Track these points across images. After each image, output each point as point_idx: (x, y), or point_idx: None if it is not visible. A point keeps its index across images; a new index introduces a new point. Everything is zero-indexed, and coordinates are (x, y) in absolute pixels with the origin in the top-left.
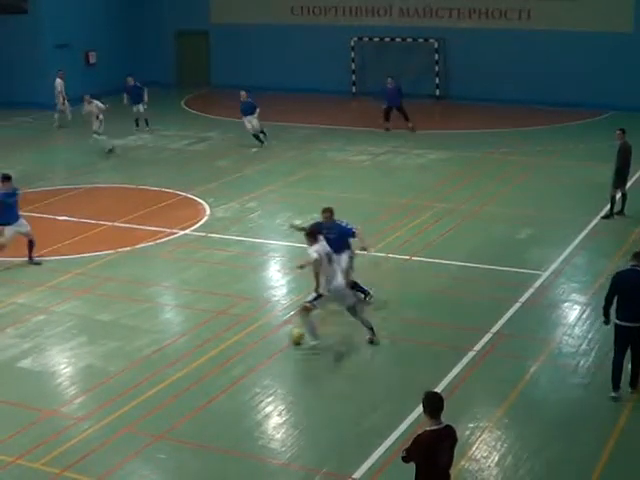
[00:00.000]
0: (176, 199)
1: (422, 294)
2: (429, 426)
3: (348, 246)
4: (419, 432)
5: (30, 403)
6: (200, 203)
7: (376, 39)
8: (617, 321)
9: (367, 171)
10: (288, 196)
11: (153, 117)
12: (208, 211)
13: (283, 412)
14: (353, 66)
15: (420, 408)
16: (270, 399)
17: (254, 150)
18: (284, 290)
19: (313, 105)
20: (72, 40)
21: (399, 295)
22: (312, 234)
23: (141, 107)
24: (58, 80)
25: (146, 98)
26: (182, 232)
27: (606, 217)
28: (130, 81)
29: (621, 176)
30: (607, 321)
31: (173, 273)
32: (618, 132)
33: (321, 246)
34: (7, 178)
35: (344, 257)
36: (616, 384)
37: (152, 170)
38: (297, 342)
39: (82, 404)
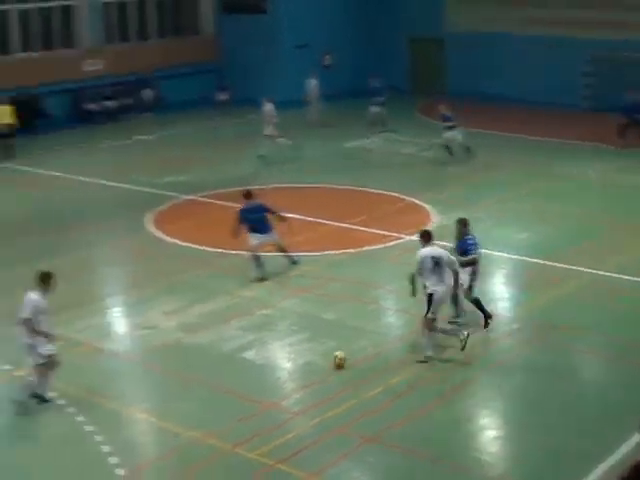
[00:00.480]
0: (403, 204)
1: None
2: None
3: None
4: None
5: (251, 394)
6: (427, 209)
7: (614, 53)
8: None
9: (597, 188)
10: (515, 208)
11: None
12: (435, 218)
13: (499, 426)
14: (587, 80)
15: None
16: (486, 411)
17: (478, 159)
18: (506, 303)
19: (543, 117)
20: (310, 41)
21: (625, 316)
22: (423, 237)
23: (376, 109)
24: (313, 80)
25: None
26: (408, 237)
27: None
28: (372, 82)
29: None
30: None
31: (397, 277)
32: None
33: (429, 250)
34: (249, 194)
35: (463, 272)
36: None
37: (382, 174)
38: (340, 366)
39: (299, 400)
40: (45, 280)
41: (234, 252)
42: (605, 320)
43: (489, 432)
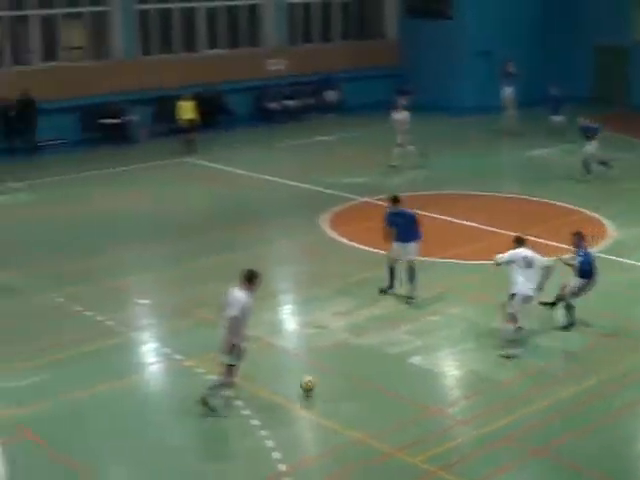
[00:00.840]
0: (577, 216)
1: None
2: None
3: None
4: None
5: (416, 399)
6: (603, 223)
7: None
8: None
9: None
10: None
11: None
12: (611, 232)
13: None
14: None
15: None
16: None
17: None
18: None
19: None
20: (493, 48)
21: None
22: (516, 241)
23: (556, 118)
24: (508, 88)
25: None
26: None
27: None
28: (552, 90)
29: None
30: None
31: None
32: None
33: (517, 252)
34: (396, 200)
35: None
36: None
37: (558, 185)
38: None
39: (466, 407)
40: (251, 279)
41: None
42: None
43: None
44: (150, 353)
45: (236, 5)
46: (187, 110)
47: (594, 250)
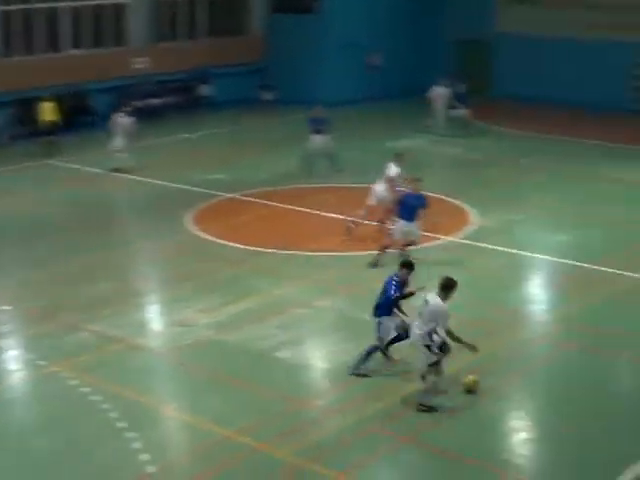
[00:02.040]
0: (443, 205)
1: None
2: None
3: None
4: None
5: (283, 392)
6: (467, 211)
7: None
8: None
9: None
10: (555, 210)
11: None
12: (474, 219)
13: (530, 428)
14: (636, 83)
15: None
16: (517, 413)
17: (523, 160)
18: (542, 305)
19: (589, 120)
20: (357, 41)
21: None
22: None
23: (463, 110)
24: (439, 88)
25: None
26: (447, 238)
27: None
28: (456, 86)
29: None
30: None
31: (435, 277)
32: None
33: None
34: (418, 179)
35: None
36: None
37: (424, 174)
38: (470, 390)
39: (334, 399)
40: (449, 288)
41: (270, 251)
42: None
43: (520, 435)
44: (13, 360)
45: (100, 4)
46: (48, 111)
47: (458, 236)
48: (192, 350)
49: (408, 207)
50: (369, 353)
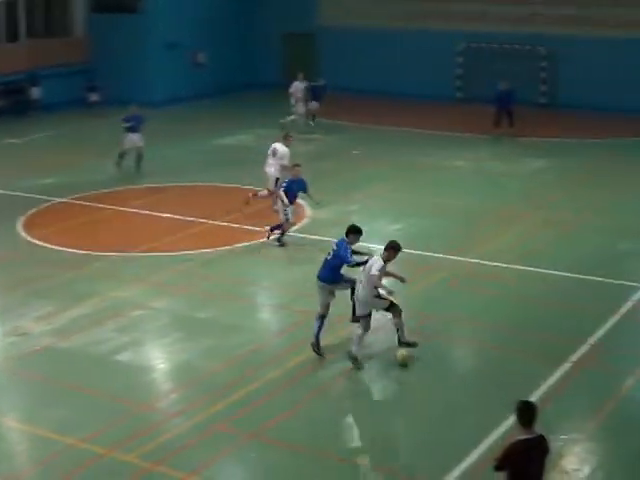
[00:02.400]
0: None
1: (518, 302)
2: (521, 435)
3: None
4: (512, 441)
5: (125, 396)
6: (301, 204)
7: (483, 45)
8: None
9: (470, 177)
10: (389, 200)
11: (259, 118)
12: (309, 212)
13: (372, 417)
14: (459, 72)
15: (512, 417)
16: (360, 402)
17: (355, 152)
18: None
19: (417, 109)
20: (181, 40)
21: (495, 302)
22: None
23: (315, 104)
24: (298, 83)
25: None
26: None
27: None
28: (319, 81)
29: None
30: None
31: (272, 273)
32: None
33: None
34: (297, 165)
35: None
36: None
37: (255, 170)
38: (404, 364)
39: (177, 400)
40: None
41: (103, 254)
42: (477, 307)
43: (363, 424)
44: None
45: None
46: None
47: (294, 230)
48: (29, 359)
49: (292, 193)
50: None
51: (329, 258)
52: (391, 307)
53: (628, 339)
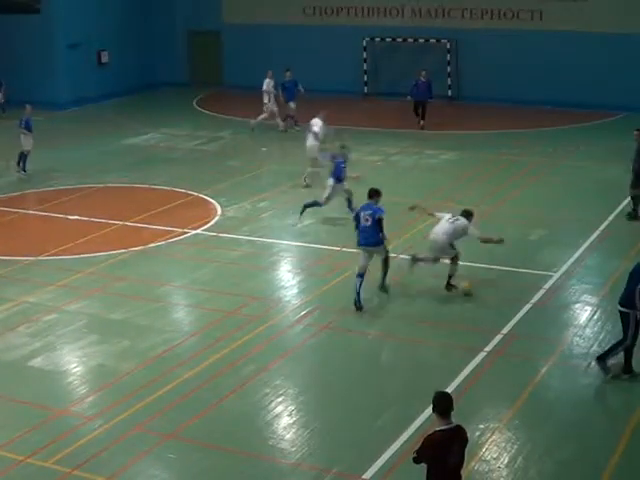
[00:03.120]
0: (188, 199)
1: (433, 294)
2: (439, 426)
3: None
4: (429, 432)
5: (41, 402)
6: (211, 203)
7: (388, 39)
8: None
9: (379, 171)
10: (299, 196)
11: (165, 117)
12: (219, 211)
13: (293, 412)
14: (365, 66)
15: (430, 409)
16: (280, 399)
17: (264, 149)
18: (294, 290)
19: (325, 105)
20: (84, 40)
21: (409, 295)
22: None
23: (292, 104)
24: (267, 79)
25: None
26: (193, 232)
27: (631, 217)
28: (288, 75)
29: None
30: None
31: (184, 273)
32: (636, 132)
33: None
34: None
35: None
36: (630, 366)
37: (164, 170)
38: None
39: (93, 403)
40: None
41: (12, 258)
42: (392, 300)
43: (284, 420)
44: None
45: None
46: None
47: (204, 229)
48: None
49: (339, 170)
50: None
51: (368, 225)
52: (456, 256)
53: (541, 327)
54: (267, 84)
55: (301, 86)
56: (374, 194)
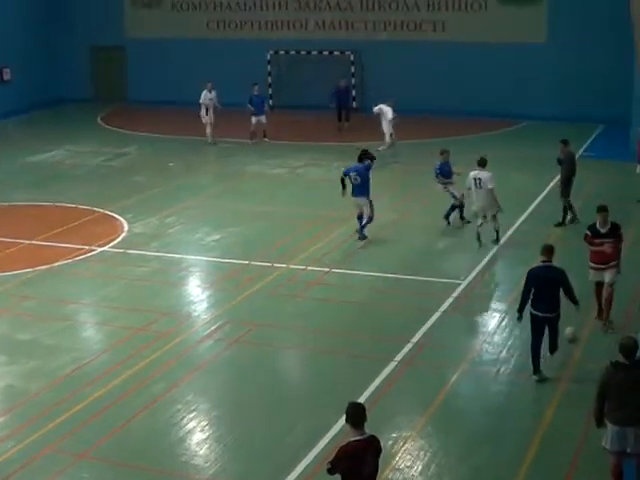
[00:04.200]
0: (94, 216)
1: (342, 306)
2: (353, 437)
3: None
4: (343, 443)
5: None
6: (118, 219)
7: (292, 52)
8: (534, 311)
9: (286, 184)
10: (207, 210)
11: (69, 134)
12: (126, 227)
13: (206, 428)
14: (269, 79)
15: (343, 420)
16: (192, 415)
17: (171, 164)
18: (204, 305)
19: (230, 119)
20: None
21: (318, 307)
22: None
23: (263, 118)
24: (204, 92)
25: (267, 108)
26: (100, 249)
27: (558, 225)
28: (255, 90)
29: (569, 185)
30: (521, 317)
31: (92, 290)
32: (561, 144)
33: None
34: (446, 151)
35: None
36: (536, 368)
37: (69, 187)
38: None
39: (3, 424)
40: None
41: None
42: (302, 313)
43: (197, 435)
44: None
45: None
46: None
47: (111, 246)
48: None
49: (446, 171)
50: (364, 226)
51: (356, 183)
52: (498, 211)
53: (450, 334)
54: (204, 96)
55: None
56: (363, 156)
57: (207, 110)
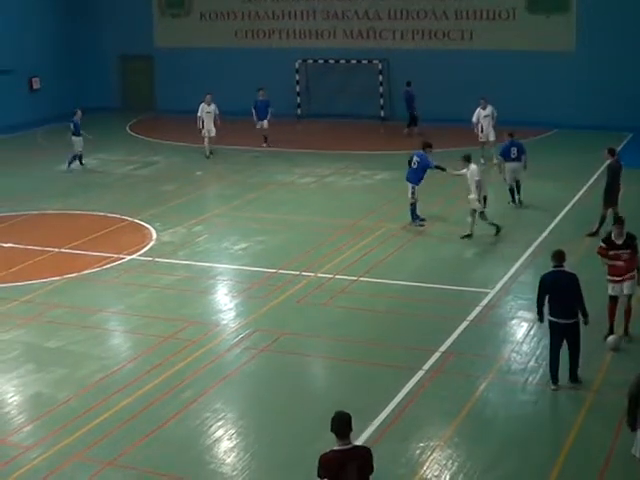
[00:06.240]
0: (122, 224)
1: (370, 315)
2: (337, 446)
3: None
4: (324, 452)
5: None
6: (146, 228)
7: (320, 61)
8: (551, 318)
9: (314, 193)
10: (235, 219)
11: (98, 143)
12: (154, 236)
13: (234, 436)
14: (298, 88)
15: (369, 430)
16: (220, 423)
17: (199, 173)
18: (232, 313)
19: (260, 129)
20: (15, 66)
21: (346, 316)
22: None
23: (265, 124)
24: (202, 104)
25: (269, 114)
26: (129, 257)
27: (591, 234)
28: (260, 95)
29: (613, 194)
30: (541, 319)
31: (120, 298)
32: (606, 152)
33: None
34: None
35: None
36: (554, 377)
37: (98, 195)
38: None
39: (31, 432)
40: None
41: None
42: (329, 322)
43: (224, 444)
44: None
45: None
46: None
47: (140, 254)
48: None
49: (515, 150)
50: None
51: (415, 167)
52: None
53: (478, 344)
54: (201, 109)
55: (271, 108)
56: (426, 146)
57: (203, 123)
